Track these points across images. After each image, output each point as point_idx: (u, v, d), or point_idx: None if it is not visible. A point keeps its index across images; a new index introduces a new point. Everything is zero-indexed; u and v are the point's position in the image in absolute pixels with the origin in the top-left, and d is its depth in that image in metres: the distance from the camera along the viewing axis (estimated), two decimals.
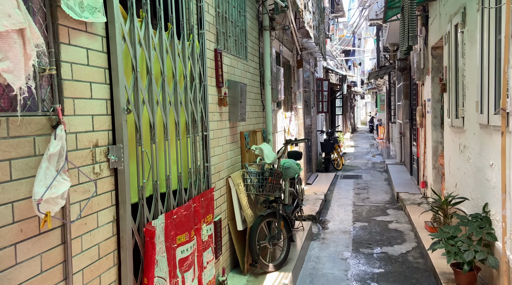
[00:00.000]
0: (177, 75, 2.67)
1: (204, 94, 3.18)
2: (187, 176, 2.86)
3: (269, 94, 5.22)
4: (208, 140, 3.23)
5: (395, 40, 9.97)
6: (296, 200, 4.91)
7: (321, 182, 9.19)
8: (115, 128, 2.00)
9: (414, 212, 5.99)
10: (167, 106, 2.53)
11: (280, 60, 6.54)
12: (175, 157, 2.68)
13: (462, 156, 4.26)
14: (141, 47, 2.26)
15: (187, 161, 2.86)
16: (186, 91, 2.85)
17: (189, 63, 2.92)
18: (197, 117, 3.02)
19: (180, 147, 2.71)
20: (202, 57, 3.15)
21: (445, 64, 5.06)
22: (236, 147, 4.09)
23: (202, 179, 3.10)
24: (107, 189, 1.96)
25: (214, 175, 3.43)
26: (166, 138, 2.52)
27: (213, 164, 3.41)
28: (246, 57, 4.53)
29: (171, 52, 2.65)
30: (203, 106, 3.17)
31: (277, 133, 6.24)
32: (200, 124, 3.14)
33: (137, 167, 2.19)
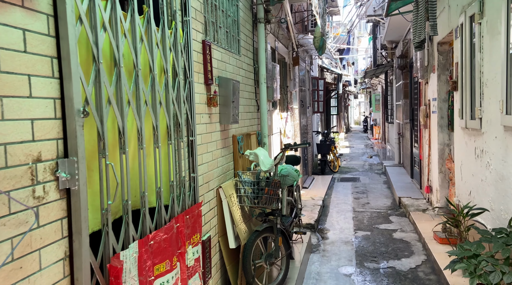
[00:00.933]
0: (155, 69, 2.20)
1: (189, 92, 2.71)
2: (169, 190, 2.39)
3: (264, 93, 4.76)
4: (195, 146, 2.76)
5: (394, 37, 9.58)
6: (295, 210, 4.46)
7: (318, 185, 8.76)
8: (67, 136, 1.53)
9: (420, 220, 5.58)
10: (142, 107, 2.06)
11: (275, 57, 6.09)
12: (152, 168, 2.21)
13: (478, 162, 3.84)
14: (106, 33, 1.79)
15: (169, 173, 2.39)
16: (167, 88, 2.37)
17: (170, 55, 2.44)
18: (181, 119, 2.55)
19: (159, 156, 2.24)
20: (187, 49, 2.68)
21: (455, 60, 4.64)
22: (228, 153, 3.63)
23: (187, 192, 2.63)
24: (55, 217, 1.48)
25: (202, 186, 2.96)
26: (140, 146, 2.05)
27: (201, 174, 2.94)
28: (238, 52, 4.07)
29: (148, 41, 2.18)
30: (189, 106, 2.70)
31: (273, 135, 5.78)
32: (185, 128, 2.67)
33: (100, 184, 1.72)
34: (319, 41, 5.65)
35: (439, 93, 5.73)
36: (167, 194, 2.36)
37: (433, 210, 5.95)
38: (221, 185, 3.30)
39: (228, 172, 3.60)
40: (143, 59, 2.13)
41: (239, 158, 3.86)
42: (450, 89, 5.48)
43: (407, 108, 8.86)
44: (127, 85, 1.94)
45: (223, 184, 3.36)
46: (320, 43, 5.70)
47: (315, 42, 5.73)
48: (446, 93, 5.66)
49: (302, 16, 7.92)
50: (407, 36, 8.61)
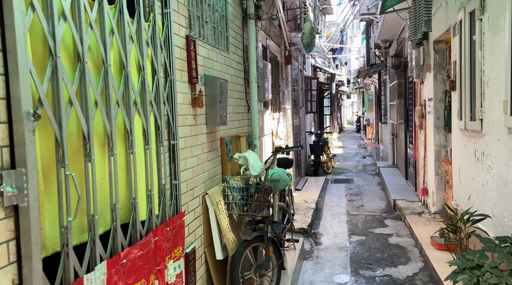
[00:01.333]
0: (128, 66, 1.96)
1: (171, 92, 2.48)
2: (146, 201, 2.15)
3: (255, 92, 4.54)
4: (177, 151, 2.52)
5: (388, 36, 9.42)
6: (287, 216, 4.24)
7: (311, 187, 8.56)
8: (14, 143, 1.29)
9: (416, 224, 5.40)
10: (112, 108, 1.82)
11: (267, 55, 5.87)
12: (125, 177, 1.97)
13: (479, 165, 3.66)
14: (66, 22, 1.55)
15: (147, 181, 2.15)
16: (143, 87, 2.14)
17: (148, 50, 2.21)
18: (160, 121, 2.31)
19: (134, 163, 2.00)
20: (168, 45, 2.45)
21: (453, 59, 4.46)
22: (215, 156, 3.40)
23: (168, 202, 2.40)
24: (0, 240, 1.25)
25: (186, 194, 2.73)
26: (111, 153, 1.81)
27: (184, 180, 2.71)
28: (227, 49, 3.84)
29: (120, 34, 1.94)
30: (170, 107, 2.47)
31: (264, 137, 5.57)
32: (166, 131, 2.44)
33: (59, 199, 1.48)
34: (307, 38, 5.43)
35: (435, 93, 5.56)
36: (144, 207, 2.12)
37: (429, 214, 5.78)
38: (208, 192, 3.07)
39: (215, 177, 3.38)
40: (114, 54, 1.89)
41: (228, 161, 3.64)
42: (447, 89, 5.31)
43: (401, 108, 8.70)
44: (94, 83, 1.70)
45: (209, 190, 3.13)
46: (308, 40, 5.49)
47: (303, 39, 5.52)
48: (443, 93, 5.49)
49: (294, 13, 7.72)
50: (401, 35, 8.45)
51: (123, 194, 1.93)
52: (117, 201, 1.83)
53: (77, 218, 1.58)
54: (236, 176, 3.80)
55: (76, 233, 1.62)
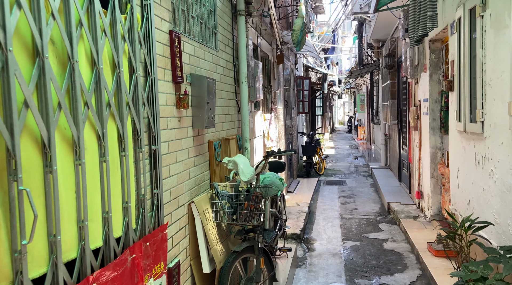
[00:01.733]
0: (100, 62, 1.74)
1: (152, 92, 2.25)
2: (122, 214, 1.92)
3: (245, 93, 4.33)
4: (159, 157, 2.30)
5: (380, 35, 9.28)
6: (279, 222, 4.04)
7: (303, 189, 8.37)
8: None
9: (411, 228, 5.24)
10: (80, 110, 1.59)
11: (258, 54, 5.66)
12: (98, 189, 1.74)
13: (479, 169, 3.50)
14: (21, 10, 1.32)
15: (123, 192, 1.92)
16: (119, 87, 1.91)
17: (124, 46, 1.98)
18: (139, 125, 2.09)
19: (107, 172, 1.77)
20: (148, 40, 2.22)
21: (451, 58, 4.30)
22: (202, 161, 3.17)
23: (148, 213, 2.17)
24: None
25: (169, 203, 2.51)
26: (78, 162, 1.58)
27: (168, 189, 2.49)
28: (215, 47, 3.62)
29: (90, 26, 1.71)
30: (151, 108, 2.24)
31: (255, 139, 5.36)
32: (146, 135, 2.21)
33: (11, 219, 1.25)
34: (298, 35, 5.23)
35: (431, 93, 5.41)
36: (119, 222, 1.89)
37: (425, 218, 5.63)
38: (194, 200, 2.85)
39: (202, 183, 3.15)
40: (83, 48, 1.66)
41: (216, 166, 3.42)
42: (444, 90, 5.17)
43: (394, 109, 8.56)
44: (57, 81, 1.47)
45: (196, 198, 2.91)
46: (298, 38, 5.29)
47: (293, 36, 5.31)
48: (439, 94, 5.34)
49: (286, 11, 7.52)
50: (394, 34, 8.31)
51: (94, 208, 1.70)
52: (86, 217, 1.60)
53: (35, 241, 1.35)
54: (226, 181, 3.58)
55: (35, 257, 1.39)
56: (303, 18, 5.17)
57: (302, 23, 5.11)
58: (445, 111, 5.00)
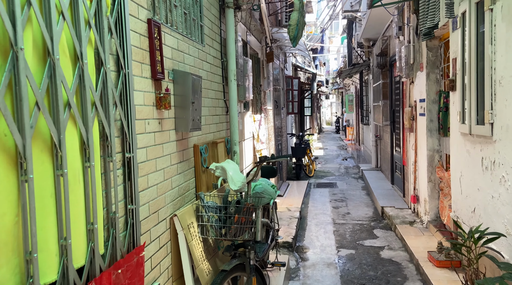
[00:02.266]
0: (55, 52, 1.39)
1: (125, 89, 1.91)
2: (86, 239, 1.57)
3: (234, 92, 4.00)
4: (134, 166, 1.95)
5: (372, 34, 9.07)
6: (271, 233, 3.72)
7: (293, 193, 8.09)
8: None
9: (408, 235, 4.99)
10: (25, 111, 1.24)
11: (247, 51, 5.34)
12: (51, 210, 1.39)
13: (488, 175, 3.25)
14: None
15: (87, 211, 1.58)
16: (81, 83, 1.56)
17: (90, 33, 1.63)
18: (109, 129, 1.74)
19: (64, 189, 1.43)
20: (121, 28, 1.88)
21: (452, 56, 4.06)
22: (187, 168, 2.83)
23: (121, 234, 1.83)
24: None
25: (147, 219, 2.16)
26: (24, 178, 1.23)
27: (145, 202, 2.14)
28: (202, 41, 3.28)
29: (42, 7, 1.36)
30: (125, 110, 1.90)
31: (245, 141, 5.03)
32: (119, 141, 1.87)
33: None
34: (294, 29, 4.93)
35: (428, 93, 5.17)
36: (83, 245, 1.54)
37: (422, 223, 5.39)
38: (177, 213, 2.51)
39: (187, 193, 2.81)
40: (31, 34, 1.31)
41: (203, 173, 3.08)
42: (443, 89, 4.93)
43: (386, 110, 8.35)
44: None
45: (179, 211, 2.56)
46: (295, 33, 4.99)
47: (289, 31, 5.01)
48: (436, 94, 5.11)
49: (275, 8, 7.22)
50: (386, 33, 8.10)
51: (46, 235, 1.35)
52: (35, 248, 1.25)
53: None
54: (213, 189, 3.25)
55: None
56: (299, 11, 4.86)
57: (298, 17, 4.80)
58: (444, 112, 4.76)
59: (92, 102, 1.61)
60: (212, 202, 2.71)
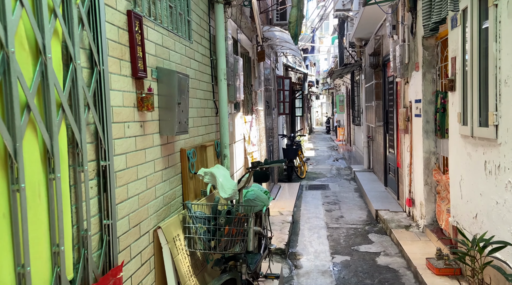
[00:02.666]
0: (10, 44, 1.16)
1: (100, 89, 1.68)
2: (51, 263, 1.34)
3: (224, 92, 3.79)
4: (110, 175, 1.73)
5: (364, 33, 8.94)
6: (264, 241, 3.51)
7: (285, 195, 7.89)
8: None
9: (405, 240, 4.83)
10: None
11: (238, 50, 5.13)
12: (6, 234, 1.16)
13: (491, 180, 3.09)
14: None
15: (51, 231, 1.35)
16: (44, 81, 1.33)
17: (56, 23, 1.40)
18: (80, 135, 1.51)
19: (21, 206, 1.19)
20: (95, 19, 1.65)
21: (451, 55, 3.91)
22: (173, 175, 2.61)
23: (94, 254, 1.60)
24: None
25: (127, 233, 1.93)
26: None
27: (125, 215, 1.91)
28: (189, 37, 3.06)
29: None
30: (99, 112, 1.67)
31: (235, 144, 4.82)
32: (92, 147, 1.64)
33: None
34: (294, 27, 4.74)
35: (424, 94, 5.02)
36: (47, 271, 1.31)
37: (418, 227, 5.24)
38: (161, 225, 2.28)
39: (173, 201, 2.59)
40: None
41: (190, 179, 2.86)
42: (440, 89, 4.79)
43: (379, 110, 8.21)
44: None
45: (164, 222, 2.34)
46: (296, 30, 4.80)
47: (290, 29, 4.82)
48: (433, 94, 4.96)
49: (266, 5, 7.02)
50: (379, 32, 7.97)
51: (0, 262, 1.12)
52: None
53: None
54: (202, 197, 3.02)
55: None
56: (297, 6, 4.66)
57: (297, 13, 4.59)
58: (442, 113, 4.61)
59: (58, 103, 1.39)
60: (200, 212, 2.49)
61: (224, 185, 2.66)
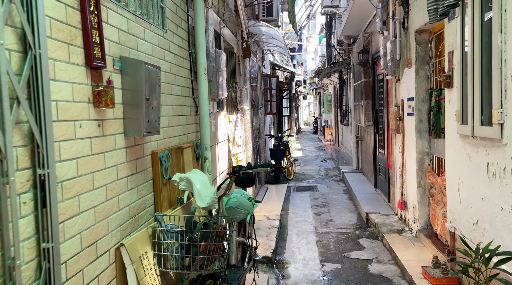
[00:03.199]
0: None
1: (36, 78, 1.33)
2: None
3: (205, 88, 3.46)
4: (50, 186, 1.38)
5: (353, 31, 8.71)
6: (248, 252, 3.19)
7: (272, 198, 7.59)
8: None
9: (398, 246, 4.57)
10: None
11: (221, 45, 4.80)
12: None
13: (495, 183, 2.84)
14: None
15: None
16: None
17: None
18: (3, 137, 1.17)
19: None
20: None
21: (449, 49, 3.66)
22: (142, 181, 2.27)
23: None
24: None
25: (78, 256, 1.59)
26: None
27: (75, 234, 1.57)
28: (163, 25, 2.72)
29: None
30: (35, 107, 1.33)
31: (218, 145, 4.48)
32: (25, 152, 1.29)
33: None
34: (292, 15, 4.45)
35: (417, 91, 4.78)
36: None
37: (411, 232, 4.99)
38: (125, 242, 1.94)
39: (142, 212, 2.25)
40: None
41: (164, 186, 2.52)
42: (437, 87, 4.55)
43: (369, 109, 7.98)
44: None
45: (129, 238, 2.00)
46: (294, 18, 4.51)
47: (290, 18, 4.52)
48: (426, 92, 4.72)
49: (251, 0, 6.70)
50: (368, 29, 7.74)
51: None
52: None
53: None
54: (178, 205, 2.69)
55: None
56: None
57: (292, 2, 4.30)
58: (436, 111, 4.37)
59: None
60: (173, 225, 2.16)
61: (202, 192, 2.33)
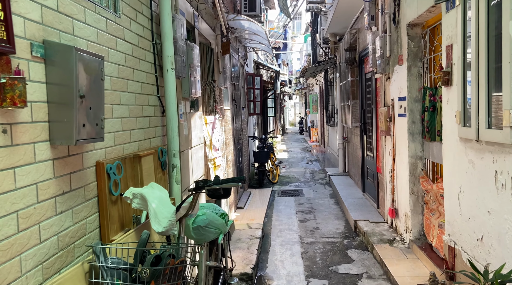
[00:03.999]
0: None
1: None
2: None
3: (173, 86, 3.00)
4: None
5: (339, 28, 8.35)
6: (222, 275, 2.74)
7: (255, 204, 7.15)
8: None
9: (390, 259, 4.19)
10: None
11: (195, 38, 4.33)
12: None
13: (505, 195, 2.46)
14: None
15: None
16: None
17: None
18: None
19: None
20: None
21: (447, 43, 3.28)
22: (80, 201, 1.79)
23: None
24: None
25: None
26: None
27: None
28: (115, 8, 2.25)
29: None
30: None
31: (192, 149, 4.02)
32: None
33: None
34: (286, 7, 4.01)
35: (410, 90, 4.41)
36: None
37: (403, 242, 4.62)
38: (47, 284, 1.47)
39: (79, 241, 1.77)
40: None
41: (113, 205, 2.04)
42: (431, 85, 4.18)
43: (356, 110, 7.62)
44: None
45: (54, 279, 1.52)
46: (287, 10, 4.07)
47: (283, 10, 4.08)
48: (419, 91, 4.36)
49: None
50: (355, 25, 7.38)
51: None
52: None
53: None
54: (133, 226, 2.22)
55: None
56: None
57: None
58: (431, 112, 4.00)
59: None
60: (116, 259, 1.69)
61: (159, 213, 1.88)
